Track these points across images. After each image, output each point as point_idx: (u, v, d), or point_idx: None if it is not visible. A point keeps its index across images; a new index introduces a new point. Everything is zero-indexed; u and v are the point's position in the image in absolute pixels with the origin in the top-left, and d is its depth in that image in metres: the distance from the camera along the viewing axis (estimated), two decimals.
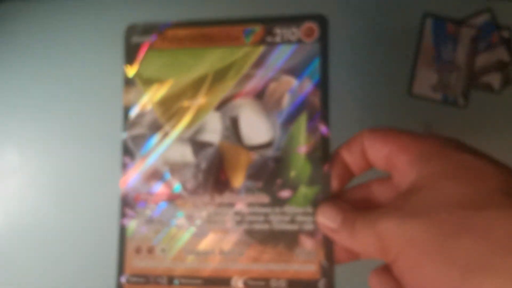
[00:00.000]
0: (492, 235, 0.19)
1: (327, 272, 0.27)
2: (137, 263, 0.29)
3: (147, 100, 0.31)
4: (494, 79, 0.38)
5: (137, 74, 0.31)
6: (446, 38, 0.38)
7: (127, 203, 0.30)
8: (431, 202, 0.21)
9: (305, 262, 0.27)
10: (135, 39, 0.31)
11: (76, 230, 0.37)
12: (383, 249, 0.22)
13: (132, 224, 0.30)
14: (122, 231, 0.30)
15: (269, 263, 0.28)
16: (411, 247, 0.21)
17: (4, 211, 0.38)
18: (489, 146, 0.36)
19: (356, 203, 0.27)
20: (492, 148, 0.36)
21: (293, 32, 0.29)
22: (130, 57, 0.31)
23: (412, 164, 0.23)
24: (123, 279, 0.29)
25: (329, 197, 0.27)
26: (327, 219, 0.26)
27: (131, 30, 0.31)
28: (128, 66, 0.31)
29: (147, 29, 0.31)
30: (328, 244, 0.27)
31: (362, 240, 0.23)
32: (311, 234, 0.28)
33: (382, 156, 0.25)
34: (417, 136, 0.24)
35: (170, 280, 0.29)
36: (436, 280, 0.20)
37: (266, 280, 0.28)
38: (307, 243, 0.28)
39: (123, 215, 0.30)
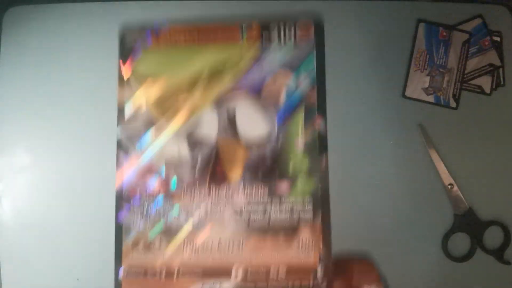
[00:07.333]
0: None
1: (326, 259, 0.28)
2: (135, 257, 0.29)
3: (141, 97, 0.30)
4: (485, 82, 0.40)
5: (132, 73, 0.31)
6: (438, 43, 0.40)
7: (123, 198, 0.29)
8: None
9: (304, 250, 0.28)
10: (130, 42, 0.31)
11: (79, 225, 0.38)
12: None
13: (128, 220, 0.29)
14: (118, 226, 0.29)
15: (268, 252, 0.28)
16: None
17: (14, 207, 0.39)
18: (479, 146, 0.38)
19: None
20: (482, 147, 0.38)
21: (289, 30, 0.30)
22: (125, 59, 0.31)
23: None
24: (120, 274, 0.29)
25: None
26: None
27: (126, 33, 0.31)
28: (123, 66, 0.31)
29: (142, 32, 0.31)
30: (326, 232, 0.28)
31: None
32: (310, 223, 0.29)
33: None
34: None
35: (169, 272, 0.29)
36: None
37: (266, 268, 0.28)
38: (307, 232, 0.29)
39: (118, 209, 0.29)
